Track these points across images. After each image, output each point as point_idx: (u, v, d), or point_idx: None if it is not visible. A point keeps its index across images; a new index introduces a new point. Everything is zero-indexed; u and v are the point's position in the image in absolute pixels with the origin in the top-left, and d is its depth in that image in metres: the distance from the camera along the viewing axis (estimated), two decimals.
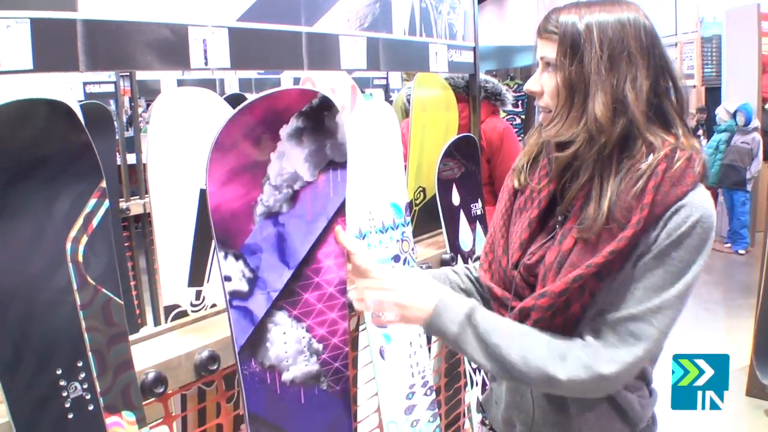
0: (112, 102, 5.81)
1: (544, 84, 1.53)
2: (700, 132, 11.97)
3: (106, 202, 1.53)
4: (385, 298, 1.58)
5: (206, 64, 1.88)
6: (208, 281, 2.15)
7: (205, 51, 1.88)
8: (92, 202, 1.51)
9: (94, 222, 1.52)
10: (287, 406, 1.75)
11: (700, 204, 1.41)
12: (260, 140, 1.62)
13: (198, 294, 2.13)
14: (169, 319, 2.06)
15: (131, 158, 5.33)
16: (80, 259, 1.50)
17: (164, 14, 1.81)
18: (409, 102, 3.36)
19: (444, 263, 2.83)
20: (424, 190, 3.16)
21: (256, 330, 1.67)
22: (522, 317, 1.54)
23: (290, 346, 1.71)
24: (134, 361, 1.61)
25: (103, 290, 1.53)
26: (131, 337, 1.68)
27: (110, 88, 5.80)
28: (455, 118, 3.38)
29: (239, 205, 1.62)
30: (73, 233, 1.49)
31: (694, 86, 13.19)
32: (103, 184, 1.53)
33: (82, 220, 1.50)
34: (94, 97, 5.36)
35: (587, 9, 1.48)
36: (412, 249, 2.63)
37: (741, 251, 9.14)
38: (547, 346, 1.47)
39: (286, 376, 1.73)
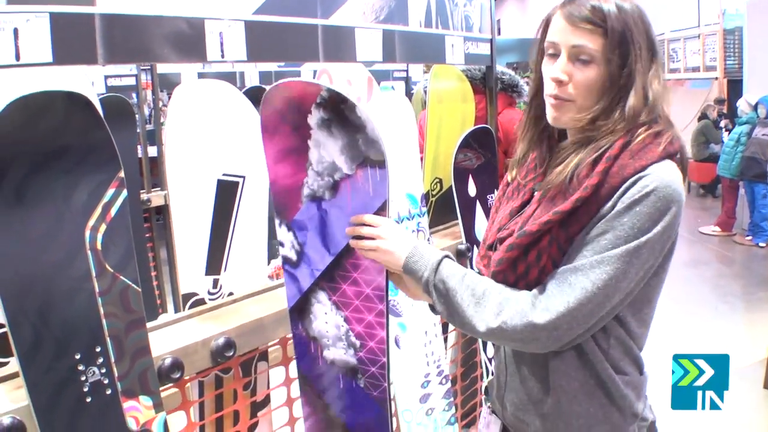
0: (134, 95, 5.86)
1: (574, 74, 1.49)
2: (723, 123, 11.88)
3: (124, 192, 1.57)
4: (370, 232, 1.65)
5: (222, 56, 1.91)
6: (225, 270, 2.17)
7: (222, 44, 1.91)
8: (110, 191, 1.55)
9: (113, 211, 1.55)
10: (328, 382, 1.85)
11: (659, 175, 1.42)
12: (293, 127, 1.69)
13: (215, 282, 2.15)
14: (187, 306, 2.09)
15: (153, 151, 5.37)
16: (99, 247, 1.53)
17: (181, 8, 1.84)
18: (426, 93, 3.36)
19: (460, 254, 2.85)
20: (440, 181, 3.17)
21: (302, 298, 1.81)
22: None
23: (330, 328, 1.80)
24: (152, 347, 1.65)
25: (122, 277, 1.57)
26: (149, 324, 1.72)
27: (131, 81, 5.83)
28: (472, 110, 3.39)
29: (290, 182, 1.74)
30: (91, 222, 1.53)
31: (716, 78, 13.10)
32: (121, 174, 1.56)
33: (100, 209, 1.53)
34: (116, 91, 5.39)
35: None
36: (428, 239, 2.65)
37: (762, 244, 9.03)
38: (495, 294, 1.52)
39: (327, 354, 1.83)
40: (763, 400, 4.69)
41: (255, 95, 2.10)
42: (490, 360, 3.05)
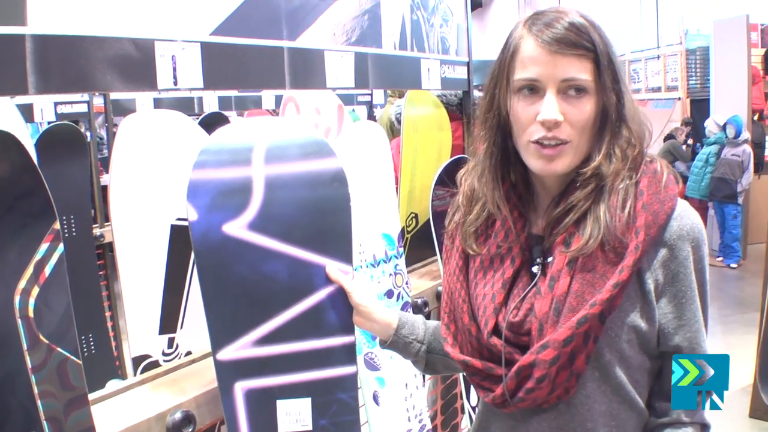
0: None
1: (567, 112, 1.29)
2: (690, 141, 11.94)
3: (60, 247, 1.38)
4: None
5: (175, 83, 1.73)
6: (181, 327, 1.98)
7: (175, 69, 1.72)
8: (44, 247, 1.36)
9: (47, 270, 1.36)
10: None
11: (691, 217, 1.34)
12: None
13: (171, 342, 1.97)
14: (139, 371, 1.90)
15: (107, 180, 5.20)
16: (31, 314, 1.34)
17: (127, 27, 1.63)
18: (398, 121, 3.21)
19: (440, 296, 2.67)
20: (416, 216, 3.03)
21: None
22: (521, 379, 1.33)
23: None
24: (97, 428, 1.45)
25: (58, 349, 1.38)
26: (94, 395, 1.57)
27: (84, 108, 5.65)
28: (448, 138, 3.26)
29: None
30: (22, 284, 1.34)
31: (679, 98, 13.25)
32: (56, 225, 1.38)
33: (32, 269, 1.35)
34: (66, 118, 5.27)
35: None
36: (406, 283, 2.47)
37: (733, 265, 9.16)
38: None
39: None
40: (750, 430, 4.58)
41: (214, 123, 1.89)
42: (473, 408, 2.87)
